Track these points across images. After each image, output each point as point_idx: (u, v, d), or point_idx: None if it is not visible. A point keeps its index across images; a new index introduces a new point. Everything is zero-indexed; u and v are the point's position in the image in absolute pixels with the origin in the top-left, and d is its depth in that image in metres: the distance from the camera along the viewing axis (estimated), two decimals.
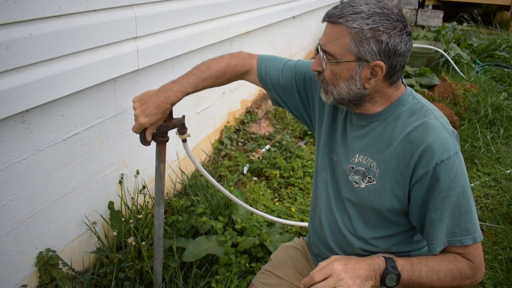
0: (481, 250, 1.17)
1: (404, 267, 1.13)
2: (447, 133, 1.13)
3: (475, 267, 1.15)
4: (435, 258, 1.16)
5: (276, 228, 2.26)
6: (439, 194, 1.13)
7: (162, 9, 2.12)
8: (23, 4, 1.41)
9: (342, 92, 1.16)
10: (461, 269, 1.15)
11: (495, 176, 3.08)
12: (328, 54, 1.13)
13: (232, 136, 3.29)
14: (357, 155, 1.25)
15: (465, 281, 1.15)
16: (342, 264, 1.09)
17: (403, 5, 6.91)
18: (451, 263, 1.15)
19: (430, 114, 1.16)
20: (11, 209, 1.58)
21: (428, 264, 1.14)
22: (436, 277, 1.13)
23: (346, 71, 1.13)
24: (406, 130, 1.16)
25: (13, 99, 1.43)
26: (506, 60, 5.47)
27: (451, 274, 1.14)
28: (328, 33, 1.14)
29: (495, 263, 2.20)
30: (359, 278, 1.07)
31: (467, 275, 1.15)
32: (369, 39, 1.07)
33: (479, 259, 1.16)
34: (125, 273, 1.81)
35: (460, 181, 1.12)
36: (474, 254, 1.15)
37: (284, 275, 1.53)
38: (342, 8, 1.11)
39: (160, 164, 1.50)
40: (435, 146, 1.11)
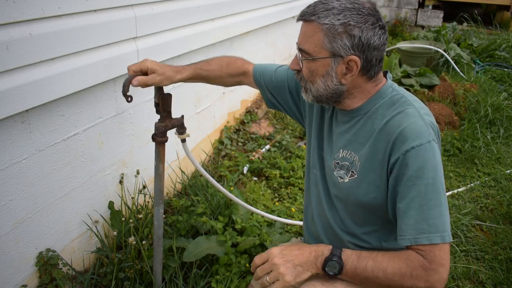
0: (446, 254, 1.07)
1: (350, 258, 1.10)
2: (423, 122, 1.11)
3: (430, 269, 1.05)
4: (387, 254, 1.10)
5: (276, 228, 2.26)
6: (406, 182, 1.09)
7: (162, 9, 2.12)
8: (23, 4, 1.41)
9: (320, 88, 1.18)
10: (413, 269, 1.06)
11: (495, 176, 3.08)
12: (304, 52, 1.16)
13: (232, 136, 3.29)
14: (341, 150, 1.26)
15: (417, 283, 1.05)
16: (279, 249, 1.13)
17: (403, 5, 6.92)
18: (402, 262, 1.07)
19: (409, 104, 1.16)
20: (11, 209, 1.58)
21: (376, 258, 1.09)
22: (382, 273, 1.07)
23: (322, 67, 1.15)
24: (384, 120, 1.17)
25: (13, 99, 1.43)
26: (506, 60, 5.47)
27: (400, 273, 1.06)
28: (303, 31, 1.17)
29: (495, 263, 2.20)
30: (292, 263, 1.10)
31: (419, 276, 1.05)
32: (341, 34, 1.09)
33: (440, 262, 1.05)
34: (125, 273, 1.81)
35: (430, 172, 1.08)
36: (435, 255, 1.05)
37: None
38: (314, 6, 1.13)
39: (159, 164, 1.50)
40: (407, 132, 1.10)
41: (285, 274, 1.09)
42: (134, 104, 2.12)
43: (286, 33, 4.17)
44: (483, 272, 2.15)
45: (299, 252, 1.12)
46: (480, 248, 2.33)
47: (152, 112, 2.23)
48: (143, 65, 1.37)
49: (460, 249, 2.31)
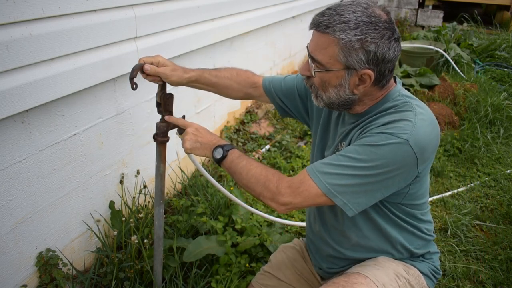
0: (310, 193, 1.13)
1: (234, 153, 1.25)
2: (412, 124, 1.10)
3: (280, 188, 1.15)
4: (261, 164, 1.23)
5: (276, 228, 2.26)
6: (350, 144, 1.17)
7: (162, 9, 2.12)
8: (23, 4, 1.41)
9: (332, 97, 1.19)
10: (269, 180, 1.17)
11: (495, 176, 3.08)
12: (317, 62, 1.15)
13: (232, 136, 3.29)
14: (339, 144, 1.30)
15: (265, 192, 1.17)
16: (199, 126, 1.35)
17: (403, 5, 6.91)
18: (267, 171, 1.19)
19: (410, 108, 1.16)
20: (11, 209, 1.58)
21: (251, 162, 1.22)
22: (245, 172, 1.20)
23: (335, 78, 1.15)
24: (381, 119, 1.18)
25: (13, 99, 1.43)
26: (506, 60, 5.47)
27: (257, 177, 1.19)
28: (315, 41, 1.15)
29: (495, 263, 2.20)
30: (196, 139, 1.32)
31: (269, 188, 1.16)
32: (357, 49, 1.08)
33: (296, 192, 1.14)
34: (125, 273, 1.81)
35: (377, 157, 1.09)
36: (299, 185, 1.14)
37: (283, 277, 1.54)
38: (329, 16, 1.10)
39: (160, 164, 1.50)
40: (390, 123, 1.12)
41: (186, 141, 1.33)
42: (134, 104, 2.12)
43: (286, 33, 4.17)
44: (483, 272, 2.15)
45: (205, 135, 1.33)
46: (480, 248, 2.33)
47: (152, 112, 2.23)
48: (155, 59, 1.40)
49: (460, 249, 2.31)
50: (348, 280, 1.21)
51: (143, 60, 1.38)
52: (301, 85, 1.49)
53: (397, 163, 1.10)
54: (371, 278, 1.21)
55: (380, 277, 1.22)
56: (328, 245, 1.40)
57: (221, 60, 2.98)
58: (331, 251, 1.39)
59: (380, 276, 1.22)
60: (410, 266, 1.32)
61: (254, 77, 1.60)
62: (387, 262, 1.29)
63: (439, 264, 1.42)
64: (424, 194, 1.29)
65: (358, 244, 1.32)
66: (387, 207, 1.25)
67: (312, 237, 1.49)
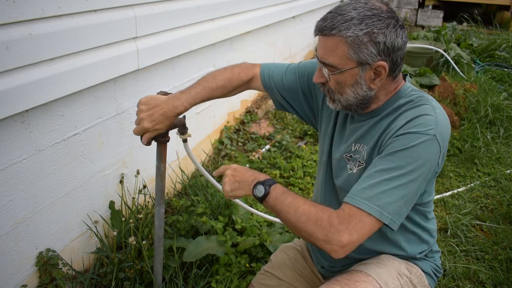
0: (364, 226, 1.05)
1: (276, 189, 1.15)
2: (434, 117, 1.11)
3: (336, 227, 1.05)
4: (308, 199, 1.14)
5: (276, 228, 2.26)
6: (385, 155, 1.10)
7: (162, 9, 2.12)
8: (23, 4, 1.41)
9: (350, 98, 1.18)
10: (320, 218, 1.07)
11: (495, 176, 3.08)
12: (329, 65, 1.14)
13: (232, 136, 3.29)
14: (353, 144, 1.27)
15: (318, 231, 1.06)
16: (237, 166, 1.27)
17: (403, 5, 6.91)
18: (316, 209, 1.09)
19: (427, 102, 1.17)
20: (11, 209, 1.58)
21: (297, 198, 1.13)
22: (293, 210, 1.11)
23: (350, 77, 1.14)
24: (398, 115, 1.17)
25: (13, 99, 1.43)
26: (506, 60, 5.47)
27: (307, 215, 1.08)
28: (323, 45, 1.14)
29: (495, 263, 2.20)
30: (234, 179, 1.23)
31: (322, 227, 1.06)
32: (367, 43, 1.08)
33: (349, 227, 1.04)
34: (125, 273, 1.81)
35: (412, 159, 1.06)
36: (351, 219, 1.05)
37: (283, 276, 1.53)
38: (332, 18, 1.11)
39: (160, 164, 1.49)
40: (413, 120, 1.11)
41: (225, 184, 1.24)
42: (134, 104, 2.12)
43: (286, 33, 4.17)
44: (483, 272, 2.15)
45: (243, 173, 1.23)
46: (480, 248, 2.33)
47: None
48: (144, 130, 1.31)
49: (460, 249, 2.31)
50: (351, 278, 1.21)
51: (141, 104, 1.30)
52: (303, 81, 1.44)
53: (430, 161, 1.09)
54: (374, 276, 1.21)
55: (382, 275, 1.22)
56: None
57: (221, 60, 2.98)
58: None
59: (382, 274, 1.22)
60: (413, 264, 1.32)
61: (250, 71, 1.49)
62: (390, 260, 1.29)
63: (440, 263, 1.42)
64: (433, 190, 1.30)
65: (362, 247, 1.31)
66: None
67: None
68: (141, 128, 1.29)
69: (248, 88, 1.54)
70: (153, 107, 1.29)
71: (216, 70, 1.47)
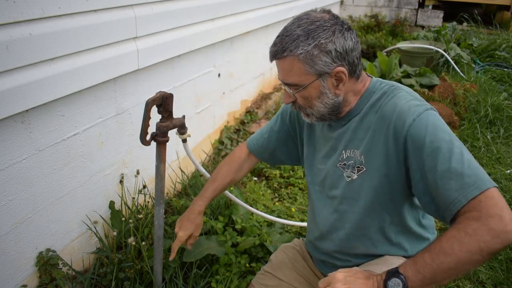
0: (494, 197, 0.96)
1: (406, 266, 1.01)
2: (415, 100, 1.14)
3: (483, 216, 0.94)
4: (436, 239, 1.04)
5: (276, 228, 2.26)
6: (426, 153, 1.06)
7: (162, 9, 2.12)
8: (23, 4, 1.41)
9: (320, 109, 1.21)
10: (465, 228, 0.95)
11: (495, 176, 3.08)
12: (292, 85, 1.18)
13: (232, 136, 3.29)
14: (343, 152, 1.27)
15: (481, 237, 0.92)
16: (343, 275, 1.06)
17: (403, 5, 6.92)
18: (450, 231, 0.98)
19: (400, 90, 1.20)
20: (11, 209, 1.58)
21: (429, 248, 1.00)
22: (442, 255, 0.95)
23: (314, 90, 1.18)
24: (378, 110, 1.19)
25: (13, 99, 1.43)
26: (506, 60, 5.46)
27: (456, 240, 0.94)
28: (281, 68, 1.19)
29: (495, 263, 2.20)
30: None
31: (477, 229, 0.93)
32: (318, 55, 1.12)
33: (489, 207, 0.94)
34: (125, 273, 1.81)
35: (439, 132, 1.06)
36: (481, 204, 0.95)
37: (283, 277, 1.53)
38: (280, 42, 1.15)
39: (160, 164, 1.50)
40: (403, 110, 1.12)
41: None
42: (134, 104, 2.12)
43: None
44: (483, 272, 2.14)
45: (363, 282, 1.04)
46: None
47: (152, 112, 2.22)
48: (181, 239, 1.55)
49: None
50: None
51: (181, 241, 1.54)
52: (285, 123, 1.51)
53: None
54: None
55: None
56: (335, 259, 1.39)
57: (221, 60, 2.98)
58: (338, 263, 1.38)
59: None
60: None
61: (241, 150, 1.64)
62: (396, 260, 1.28)
63: None
64: None
65: (366, 253, 1.32)
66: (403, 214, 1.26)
67: (317, 255, 1.48)
68: (178, 239, 1.54)
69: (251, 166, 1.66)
70: (181, 220, 1.57)
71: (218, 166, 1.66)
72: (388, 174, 1.18)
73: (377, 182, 1.20)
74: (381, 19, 6.43)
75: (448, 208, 1.02)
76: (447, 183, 1.02)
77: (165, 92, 1.42)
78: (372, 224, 1.27)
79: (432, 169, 1.05)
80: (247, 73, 3.51)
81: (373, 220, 1.26)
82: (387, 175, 1.18)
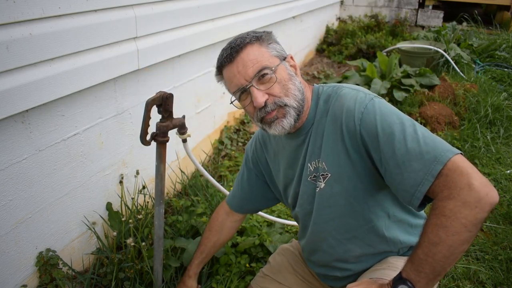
0: (458, 167, 0.93)
1: (407, 268, 1.01)
2: (357, 93, 1.16)
3: (454, 191, 0.91)
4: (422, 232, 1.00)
5: (276, 228, 2.26)
6: (382, 140, 1.05)
7: (162, 9, 2.12)
8: (23, 4, 1.41)
9: (296, 93, 1.18)
10: (442, 212, 0.92)
11: (495, 176, 3.08)
12: (264, 69, 1.15)
13: (232, 136, 3.29)
14: (309, 165, 1.27)
15: (460, 214, 0.90)
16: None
17: (403, 5, 6.92)
18: (431, 219, 0.95)
19: (341, 88, 1.22)
20: (11, 209, 1.58)
21: (419, 243, 0.98)
22: (432, 246, 0.94)
23: (283, 72, 1.19)
24: (328, 113, 1.21)
25: (13, 99, 1.43)
26: (506, 60, 5.46)
27: (439, 227, 0.92)
28: (247, 61, 1.16)
29: (495, 263, 2.20)
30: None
31: (453, 209, 0.91)
32: (272, 43, 1.22)
33: (456, 179, 0.92)
34: (125, 273, 1.81)
35: (389, 116, 1.07)
36: (448, 179, 0.93)
37: (284, 280, 1.53)
38: (234, 41, 1.18)
39: (160, 164, 1.50)
40: (350, 107, 1.14)
41: None
42: (134, 104, 2.12)
43: (286, 33, 4.17)
44: (483, 272, 2.14)
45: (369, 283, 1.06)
46: (480, 248, 2.33)
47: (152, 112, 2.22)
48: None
49: None
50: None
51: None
52: (250, 172, 1.53)
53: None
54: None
55: None
56: (335, 269, 1.37)
57: None
58: (339, 274, 1.36)
59: None
60: None
61: (219, 210, 1.66)
62: (399, 261, 1.26)
63: None
64: None
65: (363, 254, 1.30)
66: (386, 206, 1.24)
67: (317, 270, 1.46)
68: None
69: (235, 224, 1.67)
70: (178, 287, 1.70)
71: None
72: (356, 172, 1.16)
73: (347, 182, 1.19)
74: (381, 19, 6.43)
75: (417, 190, 0.99)
76: (409, 166, 1.00)
77: (165, 92, 1.42)
78: (358, 224, 1.25)
79: (392, 155, 1.03)
80: None
81: (358, 221, 1.24)
82: (356, 173, 1.17)
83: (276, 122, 1.18)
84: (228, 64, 1.17)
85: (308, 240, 1.39)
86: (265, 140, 1.46)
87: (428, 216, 0.99)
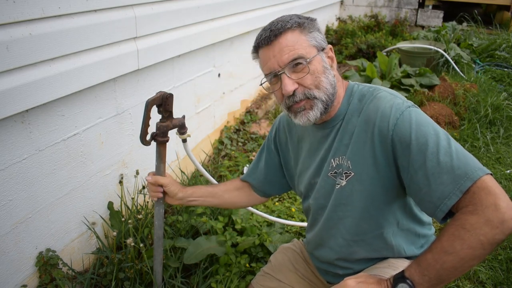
0: (487, 186, 0.94)
1: (411, 269, 1.00)
2: (395, 99, 1.15)
3: (479, 208, 0.91)
4: (435, 239, 1.00)
5: (276, 228, 2.26)
6: (415, 149, 1.04)
7: (162, 9, 2.12)
8: (23, 4, 1.41)
9: (327, 86, 1.17)
10: (463, 224, 0.92)
11: (495, 176, 3.07)
12: (299, 58, 1.13)
13: (232, 136, 3.29)
14: (332, 160, 1.26)
15: (480, 231, 0.90)
16: (355, 281, 1.06)
17: (403, 5, 6.92)
18: (449, 228, 0.95)
19: (379, 90, 1.20)
20: (11, 209, 1.58)
21: (431, 248, 0.98)
22: (444, 254, 0.94)
23: (318, 64, 1.16)
24: (360, 114, 1.19)
25: (13, 99, 1.43)
26: (506, 60, 5.46)
27: (456, 238, 0.92)
28: (283, 47, 1.14)
29: (495, 263, 2.20)
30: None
31: (474, 224, 0.90)
32: (314, 31, 1.17)
33: (483, 197, 0.92)
34: (125, 273, 1.81)
35: (424, 127, 1.05)
36: (475, 196, 0.93)
37: (284, 279, 1.53)
38: (275, 24, 1.17)
39: (160, 164, 1.49)
40: (386, 111, 1.12)
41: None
42: (134, 104, 2.12)
43: None
44: (483, 272, 2.14)
45: (375, 287, 1.04)
46: None
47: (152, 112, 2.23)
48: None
49: None
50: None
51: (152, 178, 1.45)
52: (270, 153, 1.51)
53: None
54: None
55: None
56: (337, 267, 1.37)
57: (221, 60, 2.98)
58: (340, 272, 1.37)
59: None
60: None
61: (235, 180, 1.62)
62: (400, 262, 1.27)
63: None
64: None
65: (367, 257, 1.31)
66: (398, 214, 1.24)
67: (318, 265, 1.47)
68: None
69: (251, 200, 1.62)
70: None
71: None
72: (379, 177, 1.16)
73: (368, 185, 1.18)
74: (381, 19, 6.43)
75: (443, 203, 1.00)
76: (439, 178, 1.00)
77: (165, 92, 1.42)
78: (369, 229, 1.26)
79: (422, 165, 1.03)
80: (247, 73, 3.51)
81: (370, 225, 1.25)
82: (379, 177, 1.16)
83: (302, 113, 1.18)
84: (265, 46, 1.17)
85: (316, 234, 1.39)
86: (289, 124, 1.45)
87: (446, 225, 0.98)
